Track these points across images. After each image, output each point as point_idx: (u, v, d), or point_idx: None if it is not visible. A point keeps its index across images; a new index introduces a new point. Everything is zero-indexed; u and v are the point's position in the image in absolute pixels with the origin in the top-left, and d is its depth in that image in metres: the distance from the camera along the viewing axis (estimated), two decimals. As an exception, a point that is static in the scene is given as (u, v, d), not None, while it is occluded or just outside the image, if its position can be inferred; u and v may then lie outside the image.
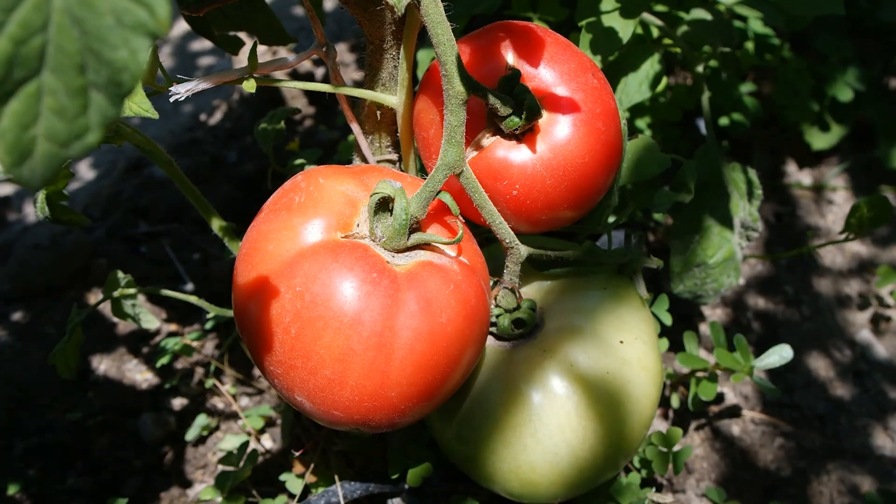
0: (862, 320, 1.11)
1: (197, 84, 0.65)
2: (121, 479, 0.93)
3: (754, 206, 0.96)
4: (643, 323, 0.72)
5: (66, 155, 0.32)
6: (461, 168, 0.60)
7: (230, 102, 1.45)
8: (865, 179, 1.30)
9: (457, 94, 0.57)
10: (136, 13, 0.31)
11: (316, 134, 1.35)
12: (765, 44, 1.23)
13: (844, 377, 1.04)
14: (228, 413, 0.99)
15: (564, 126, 0.64)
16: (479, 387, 0.68)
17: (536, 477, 0.67)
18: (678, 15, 1.04)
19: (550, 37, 0.67)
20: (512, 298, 0.69)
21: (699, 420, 0.98)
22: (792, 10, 0.88)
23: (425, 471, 0.75)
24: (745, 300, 1.13)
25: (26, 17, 0.31)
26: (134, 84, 0.32)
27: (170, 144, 1.37)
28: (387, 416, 0.59)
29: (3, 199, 1.35)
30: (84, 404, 1.00)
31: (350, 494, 0.79)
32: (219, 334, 1.08)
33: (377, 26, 0.67)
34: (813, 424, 0.98)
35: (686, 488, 0.91)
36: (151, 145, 0.72)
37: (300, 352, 0.57)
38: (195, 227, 1.23)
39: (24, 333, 1.09)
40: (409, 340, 0.57)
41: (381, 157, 0.76)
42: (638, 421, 0.69)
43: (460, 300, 0.59)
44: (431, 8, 0.55)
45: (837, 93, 1.24)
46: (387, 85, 0.71)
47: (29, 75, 0.31)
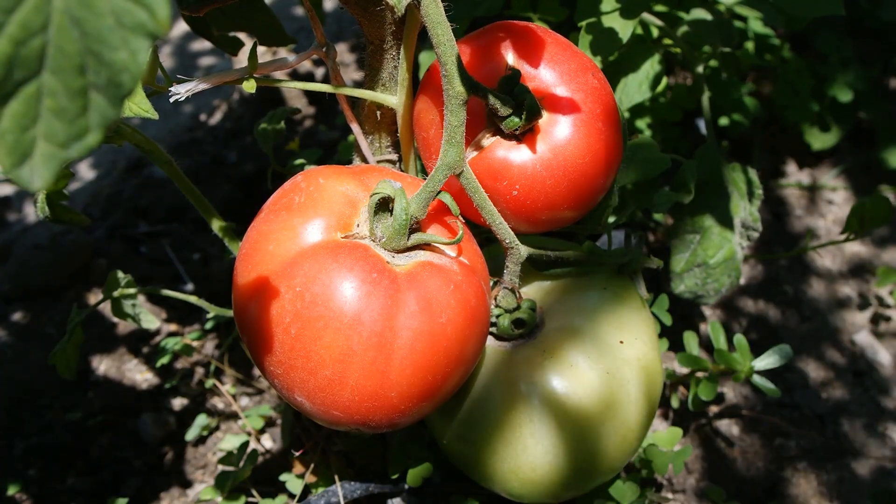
0: (862, 320, 1.11)
1: (197, 84, 0.65)
2: (121, 479, 0.93)
3: (754, 206, 0.96)
4: (643, 323, 0.72)
5: (65, 156, 0.32)
6: (461, 168, 0.60)
7: (230, 102, 1.45)
8: (865, 179, 1.30)
9: (457, 95, 0.57)
10: (135, 14, 0.31)
11: (316, 134, 1.35)
12: (765, 44, 1.23)
13: (844, 377, 1.04)
14: (228, 413, 0.99)
15: (564, 126, 0.64)
16: (479, 387, 0.68)
17: (537, 477, 0.67)
18: (678, 15, 1.04)
19: (550, 37, 0.67)
20: (512, 298, 0.69)
21: (699, 420, 0.98)
22: (792, 10, 0.88)
23: (425, 471, 0.75)
24: (746, 300, 1.13)
25: (26, 18, 0.30)
26: (134, 85, 0.32)
27: (170, 144, 1.37)
28: (387, 417, 0.59)
29: (3, 199, 1.35)
30: (84, 404, 1.00)
31: (350, 494, 0.79)
32: (219, 334, 1.08)
33: (377, 26, 0.67)
34: (813, 424, 0.98)
35: (686, 488, 0.91)
36: (151, 145, 0.72)
37: (300, 352, 0.57)
38: (195, 227, 1.23)
39: (24, 333, 1.09)
40: (409, 341, 0.57)
41: (381, 157, 0.76)
42: (638, 421, 0.69)
43: (460, 300, 0.59)
44: (431, 8, 0.55)
45: (837, 93, 1.24)
46: (387, 85, 0.71)
47: (29, 76, 0.31)
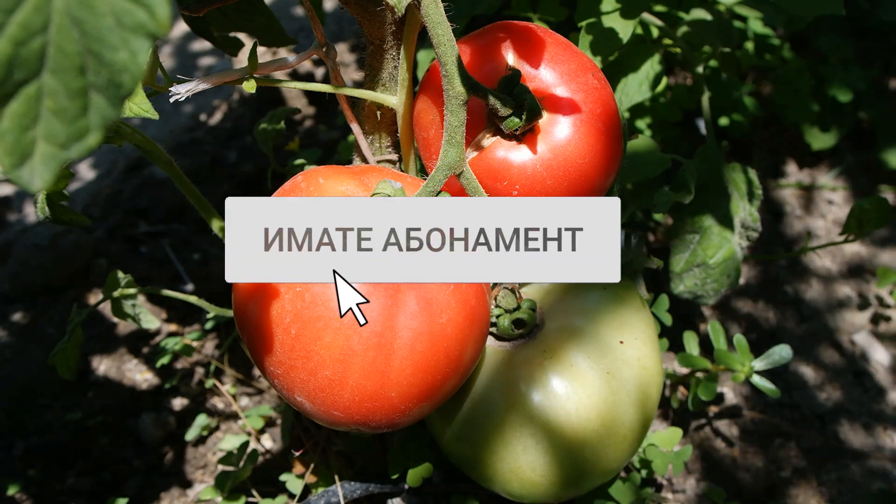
0: (861, 320, 1.11)
1: (197, 84, 0.65)
2: (121, 479, 0.93)
3: (754, 207, 0.96)
4: (643, 323, 0.72)
5: (65, 156, 0.32)
6: (461, 168, 0.60)
7: (230, 102, 1.45)
8: (865, 179, 1.30)
9: (457, 95, 0.57)
10: (136, 14, 0.31)
11: (316, 134, 1.35)
12: (765, 44, 1.23)
13: (844, 377, 1.04)
14: (228, 413, 0.99)
15: (565, 126, 0.64)
16: (479, 387, 0.68)
17: (537, 477, 0.67)
18: (678, 15, 1.04)
19: (551, 37, 0.67)
20: (512, 299, 0.69)
21: (699, 420, 0.98)
22: (792, 10, 0.88)
23: (425, 471, 0.75)
24: (745, 301, 1.13)
25: (26, 19, 0.30)
26: (134, 85, 0.32)
27: (170, 144, 1.37)
28: (387, 417, 0.59)
29: (3, 199, 1.35)
30: (84, 404, 1.00)
31: (350, 494, 0.79)
32: (219, 334, 1.08)
33: (377, 26, 0.67)
34: (813, 424, 0.98)
35: (686, 488, 0.91)
36: (151, 145, 0.72)
37: (300, 352, 0.57)
38: (195, 227, 1.23)
39: (24, 333, 1.09)
40: (409, 341, 0.57)
41: (381, 157, 0.76)
42: (638, 421, 0.69)
43: (460, 300, 0.59)
44: (432, 8, 0.55)
45: (837, 93, 1.24)
46: (387, 85, 0.71)
47: (29, 77, 0.31)
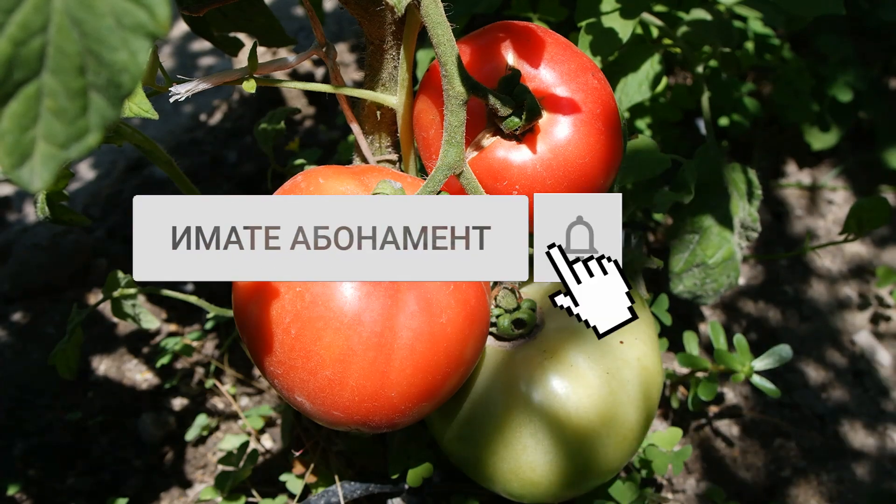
0: (862, 321, 1.11)
1: (197, 84, 0.65)
2: (121, 479, 0.93)
3: (754, 207, 0.96)
4: (643, 323, 0.72)
5: (65, 156, 0.32)
6: (461, 168, 0.60)
7: (230, 102, 1.45)
8: (865, 179, 1.30)
9: (457, 95, 0.57)
10: (135, 14, 0.31)
11: (316, 134, 1.35)
12: (765, 44, 1.23)
13: (844, 377, 1.04)
14: (228, 413, 0.99)
15: (564, 126, 0.64)
16: (479, 387, 0.68)
17: (537, 477, 0.67)
18: (678, 15, 1.04)
19: (551, 37, 0.67)
20: (512, 299, 0.69)
21: (699, 420, 0.98)
22: (792, 10, 0.88)
23: (425, 471, 0.75)
24: (745, 300, 1.13)
25: (26, 19, 0.30)
26: (134, 85, 0.32)
27: (170, 144, 1.37)
28: (387, 417, 0.59)
29: (3, 199, 1.35)
30: (84, 404, 1.00)
31: (350, 494, 0.79)
32: (219, 334, 1.08)
33: (377, 26, 0.67)
34: (813, 424, 0.98)
35: (686, 488, 0.91)
36: (151, 145, 0.72)
37: (300, 352, 0.57)
38: (195, 227, 1.23)
39: (24, 333, 1.09)
40: (409, 341, 0.57)
41: (381, 157, 0.76)
42: (638, 421, 0.69)
43: (460, 300, 0.59)
44: (431, 8, 0.55)
45: (837, 93, 1.24)
46: (387, 85, 0.71)
47: (29, 77, 0.31)
